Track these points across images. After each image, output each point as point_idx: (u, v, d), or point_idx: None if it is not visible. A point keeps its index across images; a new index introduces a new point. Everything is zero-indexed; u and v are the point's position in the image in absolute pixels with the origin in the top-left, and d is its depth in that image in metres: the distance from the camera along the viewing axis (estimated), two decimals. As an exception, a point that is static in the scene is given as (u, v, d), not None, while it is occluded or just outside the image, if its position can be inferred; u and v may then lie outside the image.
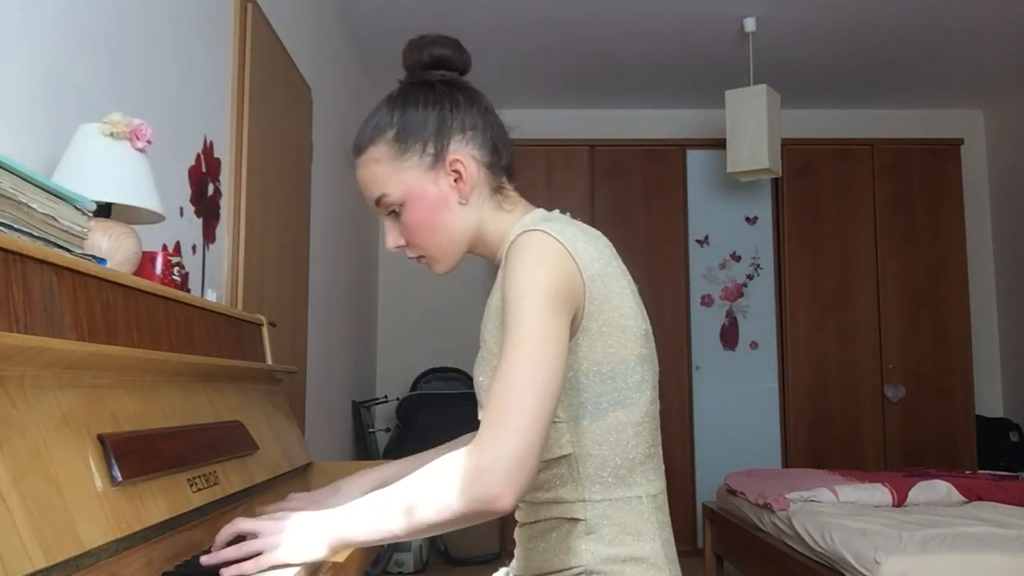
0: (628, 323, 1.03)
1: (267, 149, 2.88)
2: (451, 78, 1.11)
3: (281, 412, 1.73)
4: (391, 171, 1.07)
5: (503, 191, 1.13)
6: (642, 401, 1.05)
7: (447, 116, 1.08)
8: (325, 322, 3.85)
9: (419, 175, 1.07)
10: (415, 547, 4.18)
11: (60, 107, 1.59)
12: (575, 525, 1.03)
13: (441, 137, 1.07)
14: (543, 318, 0.93)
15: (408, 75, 1.12)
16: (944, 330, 4.82)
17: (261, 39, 2.80)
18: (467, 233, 1.10)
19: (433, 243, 1.10)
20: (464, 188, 1.08)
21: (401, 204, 1.08)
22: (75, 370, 0.90)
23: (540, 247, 0.97)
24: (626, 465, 1.03)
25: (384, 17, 4.17)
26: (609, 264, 1.03)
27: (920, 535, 2.41)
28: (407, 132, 1.07)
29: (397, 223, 1.11)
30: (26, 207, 1.00)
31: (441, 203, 1.08)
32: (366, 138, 1.10)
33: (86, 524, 0.81)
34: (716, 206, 4.90)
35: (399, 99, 1.10)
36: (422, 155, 1.07)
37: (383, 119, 1.09)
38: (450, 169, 1.07)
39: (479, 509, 0.87)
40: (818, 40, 4.43)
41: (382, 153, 1.08)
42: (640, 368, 1.05)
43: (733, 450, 4.66)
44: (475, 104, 1.11)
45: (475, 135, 1.09)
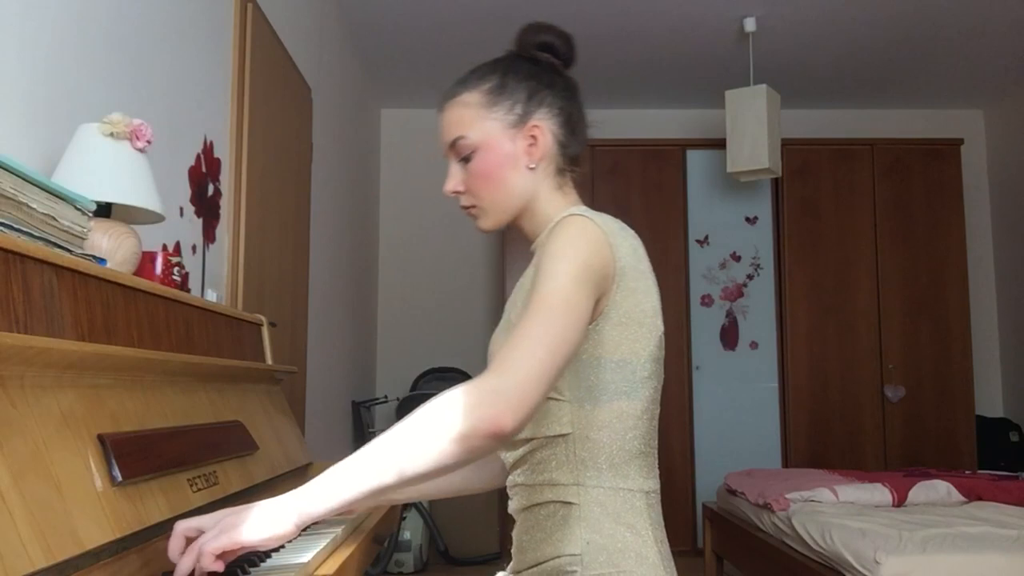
0: (647, 320, 1.08)
1: (267, 149, 2.88)
2: (555, 63, 1.21)
3: (281, 412, 1.73)
4: (476, 117, 1.15)
5: (565, 175, 1.19)
6: (644, 395, 1.08)
7: (541, 89, 1.17)
8: (325, 322, 3.85)
9: (500, 129, 1.14)
10: (415, 547, 4.18)
11: (60, 107, 1.59)
12: (569, 510, 1.05)
13: (531, 103, 1.15)
14: (572, 285, 0.97)
15: (519, 49, 1.23)
16: (944, 330, 4.82)
17: (261, 39, 2.80)
18: (523, 197, 1.16)
19: (490, 195, 1.16)
20: (535, 153, 1.15)
21: (474, 150, 1.14)
22: (75, 370, 0.90)
23: (583, 228, 1.04)
24: (621, 455, 1.06)
25: (384, 17, 4.16)
26: (640, 262, 1.10)
27: (920, 535, 2.41)
28: (502, 88, 1.16)
29: (462, 171, 1.17)
30: (26, 207, 1.00)
31: (511, 160, 1.14)
32: (463, 84, 1.19)
33: (86, 524, 0.81)
34: (716, 206, 4.90)
35: (504, 62, 1.20)
36: (508, 112, 1.15)
37: (486, 72, 1.19)
38: (528, 134, 1.15)
39: (481, 428, 0.87)
40: (818, 40, 4.43)
41: (474, 99, 1.16)
42: (649, 365, 1.09)
43: (733, 450, 4.66)
44: (568, 92, 1.20)
45: (560, 116, 1.17)
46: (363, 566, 1.25)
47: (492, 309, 5.37)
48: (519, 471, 1.11)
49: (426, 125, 5.48)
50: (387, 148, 5.49)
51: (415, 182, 5.44)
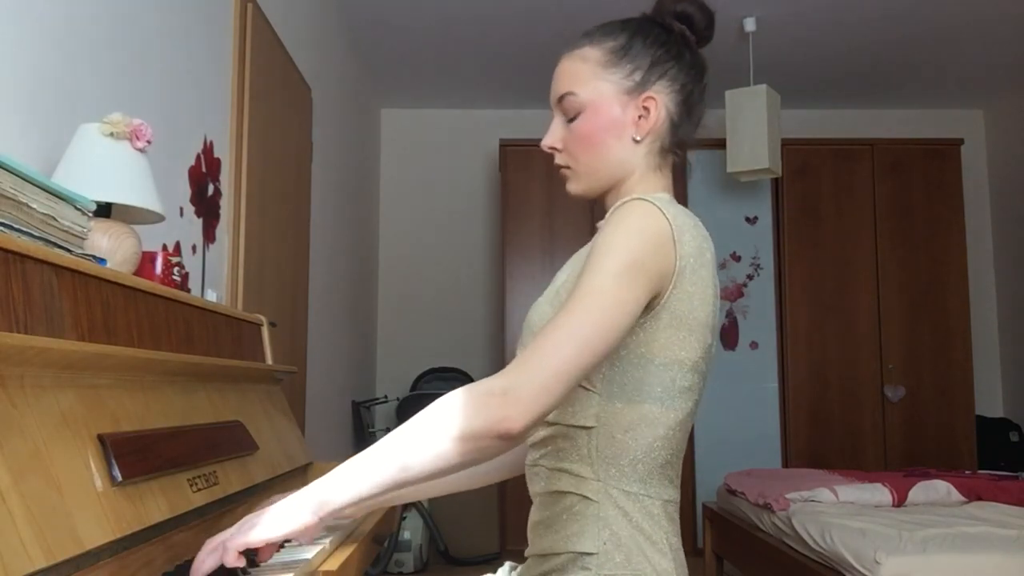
0: (699, 329, 1.02)
1: (267, 149, 2.88)
2: (688, 37, 1.13)
3: (281, 412, 1.73)
4: (592, 75, 1.09)
5: (668, 157, 1.13)
6: (683, 408, 1.04)
7: (667, 60, 1.10)
8: (325, 322, 3.85)
9: (613, 92, 1.08)
10: (415, 547, 4.18)
11: (60, 107, 1.59)
12: (587, 506, 1.01)
13: (651, 72, 1.09)
14: (619, 283, 0.92)
15: (654, 13, 1.14)
16: (944, 330, 4.82)
17: (261, 39, 2.80)
18: (620, 168, 1.10)
19: (587, 159, 1.10)
20: (644, 126, 1.09)
21: (581, 110, 1.09)
22: (75, 370, 0.90)
23: (647, 217, 0.97)
24: (646, 462, 1.02)
25: (384, 17, 4.16)
26: (704, 267, 1.02)
27: (920, 535, 2.41)
28: (626, 51, 1.09)
29: (564, 128, 1.11)
30: (26, 207, 1.00)
31: (617, 127, 1.08)
32: (588, 38, 1.12)
33: (86, 524, 0.81)
34: (716, 206, 4.90)
35: (634, 23, 1.12)
36: (627, 77, 1.08)
37: (614, 30, 1.11)
38: (641, 104, 1.08)
39: (489, 429, 0.86)
40: (818, 40, 4.43)
41: (594, 56, 1.09)
42: (692, 376, 1.04)
43: (733, 450, 4.66)
44: (695, 69, 1.13)
45: (680, 92, 1.11)
46: (363, 566, 1.25)
47: (492, 309, 5.37)
48: (540, 453, 1.08)
49: (426, 125, 5.48)
50: (387, 148, 5.49)
51: (415, 182, 5.44)
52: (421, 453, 0.88)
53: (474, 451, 0.88)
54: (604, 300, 0.91)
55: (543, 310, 1.07)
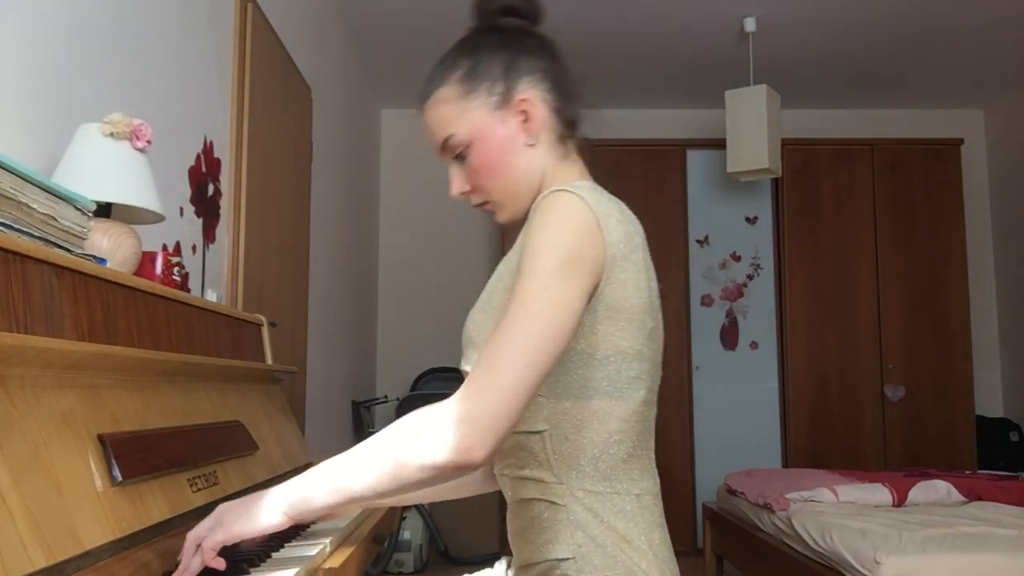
0: (636, 315, 1.00)
1: (267, 149, 2.88)
2: (521, 25, 1.11)
3: (281, 412, 1.73)
4: (458, 111, 1.06)
5: (566, 142, 1.10)
6: (634, 398, 1.02)
7: (516, 57, 1.07)
8: (325, 322, 3.85)
9: (487, 114, 1.05)
10: (415, 547, 4.18)
11: (60, 107, 1.59)
12: (556, 511, 1.00)
13: (509, 77, 1.06)
14: (556, 280, 0.90)
15: (478, 21, 1.13)
16: (944, 330, 4.82)
17: (261, 39, 2.80)
18: (530, 177, 1.07)
19: (499, 186, 1.07)
20: (532, 128, 1.06)
21: (468, 145, 1.06)
22: (75, 370, 0.90)
23: (569, 208, 0.94)
24: (605, 459, 1.00)
25: (384, 17, 4.17)
26: (635, 251, 1.00)
27: (920, 535, 2.41)
28: (475, 72, 1.06)
29: (462, 168, 1.09)
30: (26, 207, 1.00)
31: (508, 144, 1.06)
32: (435, 80, 1.09)
33: (86, 524, 0.81)
34: (716, 206, 4.90)
35: (468, 42, 1.11)
36: (490, 94, 1.06)
37: (452, 61, 1.09)
38: (518, 110, 1.06)
39: (451, 460, 0.84)
40: (818, 40, 4.43)
41: (450, 93, 1.07)
42: (637, 365, 1.02)
43: (733, 450, 4.66)
44: (546, 50, 1.11)
45: (544, 78, 1.08)
46: (363, 566, 1.25)
47: (492, 309, 5.37)
48: (503, 464, 1.06)
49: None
50: (387, 148, 5.49)
51: (415, 182, 5.44)
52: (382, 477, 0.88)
53: (433, 479, 0.87)
54: (546, 302, 0.89)
55: (479, 320, 1.05)
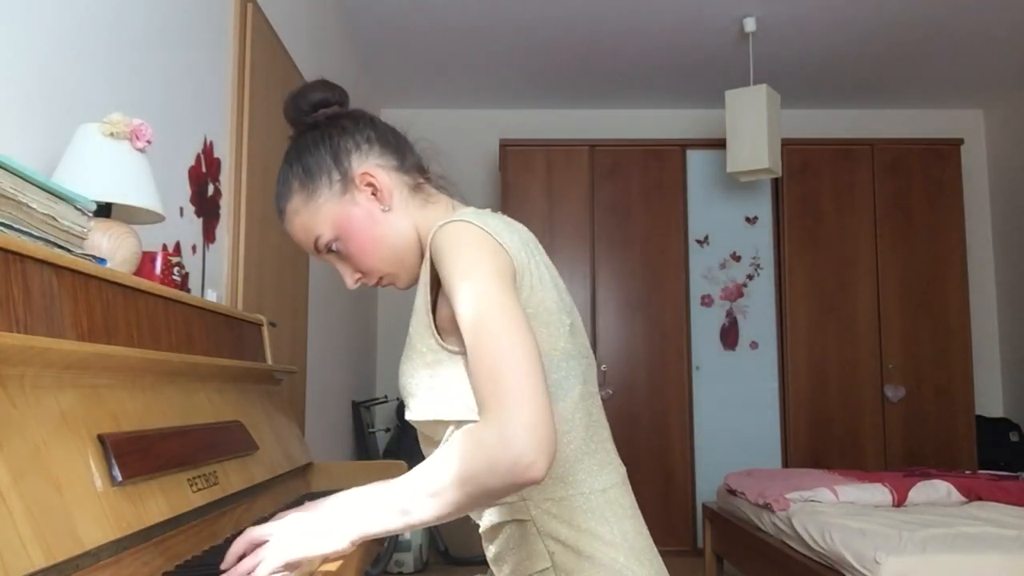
0: (551, 318, 1.01)
1: (267, 149, 2.88)
2: (332, 112, 1.13)
3: (281, 412, 1.73)
4: (312, 213, 1.09)
5: (422, 188, 1.13)
6: (569, 397, 1.02)
7: (338, 142, 1.10)
8: (325, 322, 3.85)
9: (337, 204, 1.08)
10: (415, 547, 4.18)
11: (60, 107, 1.59)
12: (525, 527, 1.01)
13: (340, 162, 1.09)
14: (496, 293, 0.91)
15: (294, 128, 1.15)
16: (944, 330, 4.82)
17: (261, 39, 2.80)
18: (407, 239, 1.10)
19: (381, 260, 1.10)
20: (383, 196, 1.09)
21: (336, 239, 1.09)
22: (75, 370, 0.90)
23: (467, 234, 0.96)
24: (558, 463, 1.01)
25: (384, 17, 4.17)
26: (532, 256, 1.02)
27: (920, 535, 2.41)
28: (309, 174, 1.09)
29: (344, 260, 1.12)
30: (26, 207, 1.00)
31: (369, 220, 1.08)
32: (280, 199, 1.12)
33: (86, 524, 0.81)
34: (716, 206, 4.90)
35: (293, 152, 1.12)
36: (331, 186, 1.08)
37: (285, 175, 1.11)
38: (363, 184, 1.09)
39: (513, 481, 0.84)
40: (818, 40, 4.43)
41: (297, 203, 1.09)
42: (565, 364, 1.02)
43: (733, 450, 4.66)
44: (360, 120, 1.13)
45: (371, 147, 1.11)
46: (363, 566, 1.25)
47: (492, 309, 5.37)
48: None
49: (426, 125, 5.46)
50: (387, 148, 5.48)
51: (415, 182, 5.44)
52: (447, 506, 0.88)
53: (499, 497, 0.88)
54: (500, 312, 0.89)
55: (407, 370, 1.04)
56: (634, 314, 4.76)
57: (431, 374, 1.00)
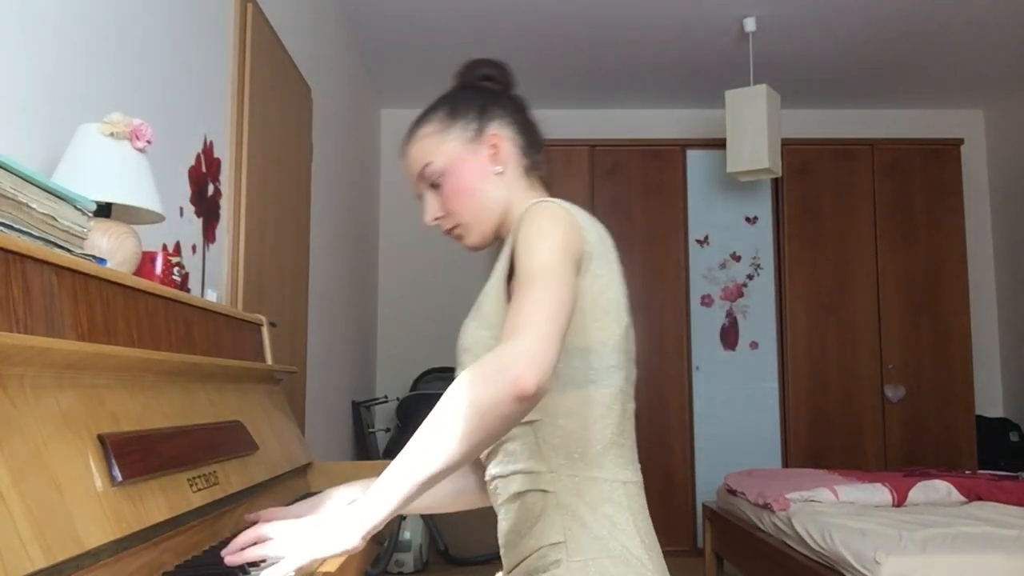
0: (612, 308, 1.09)
1: (267, 149, 2.88)
2: (496, 88, 1.26)
3: (281, 412, 1.73)
4: (437, 143, 1.19)
5: (533, 176, 1.23)
6: (613, 383, 1.08)
7: (490, 105, 1.22)
8: (325, 322, 3.85)
9: (461, 146, 1.19)
10: (415, 547, 4.18)
11: (60, 107, 1.59)
12: (547, 499, 1.05)
13: (483, 117, 1.20)
14: (557, 257, 1.00)
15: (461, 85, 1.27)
16: (944, 330, 4.82)
17: (261, 39, 2.80)
18: (500, 204, 1.19)
19: (468, 210, 1.19)
20: (500, 159, 1.19)
21: (442, 173, 1.19)
22: (75, 370, 0.90)
23: (554, 212, 1.07)
24: (593, 444, 1.06)
25: (384, 17, 4.16)
26: (608, 251, 1.11)
27: (920, 535, 2.41)
28: (454, 112, 1.21)
29: (436, 197, 1.21)
30: (26, 207, 1.00)
31: (479, 171, 1.19)
32: (417, 121, 1.23)
33: (86, 524, 0.81)
34: (716, 206, 4.90)
35: (448, 95, 1.25)
36: (464, 130, 1.19)
37: (436, 105, 1.24)
38: (489, 144, 1.19)
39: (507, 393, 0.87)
40: (818, 40, 4.43)
41: (430, 129, 1.21)
42: (616, 355, 1.09)
43: (733, 450, 4.66)
44: (516, 105, 1.25)
45: (511, 123, 1.22)
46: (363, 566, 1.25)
47: (492, 309, 5.37)
48: (493, 462, 1.12)
49: (426, 125, 5.47)
50: (387, 148, 5.49)
51: (415, 182, 5.44)
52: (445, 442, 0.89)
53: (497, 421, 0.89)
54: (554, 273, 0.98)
55: (471, 328, 1.14)
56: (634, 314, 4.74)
57: (492, 336, 1.09)
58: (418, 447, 0.91)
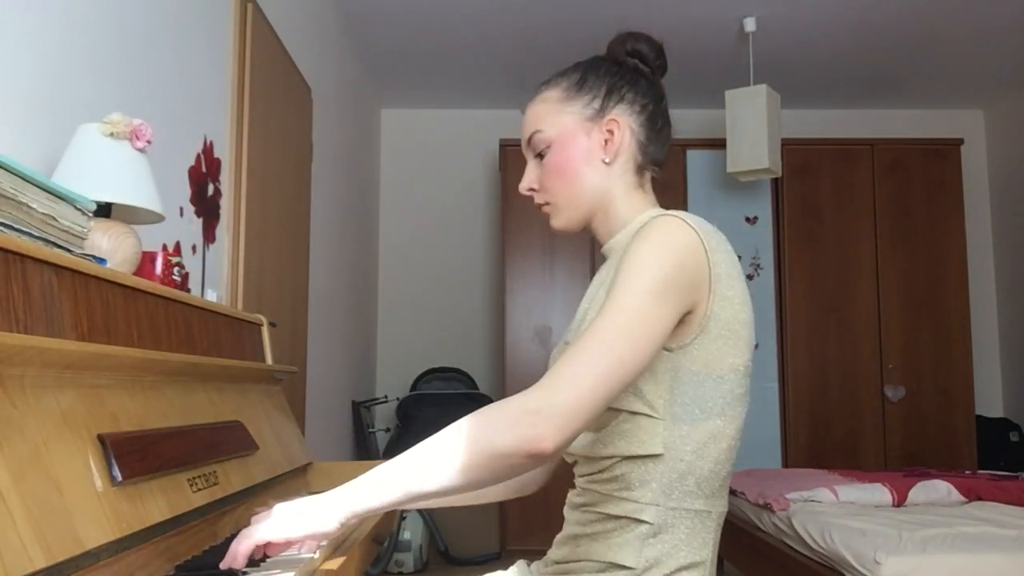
0: (743, 331, 1.04)
1: (267, 149, 2.88)
2: (641, 68, 1.17)
3: (281, 412, 1.73)
4: (554, 112, 1.12)
5: (645, 175, 1.16)
6: (741, 414, 1.04)
7: (622, 86, 1.13)
8: (325, 322, 3.85)
9: (576, 123, 1.11)
10: (415, 547, 4.18)
11: (60, 107, 1.59)
12: (639, 527, 0.99)
13: (609, 98, 1.12)
14: (649, 300, 0.92)
15: (606, 53, 1.19)
16: (944, 330, 4.82)
17: (261, 39, 2.80)
18: (597, 194, 1.12)
19: (564, 190, 1.12)
20: (611, 148, 1.11)
21: (549, 144, 1.12)
22: (75, 370, 0.90)
23: (674, 232, 0.97)
24: (712, 479, 1.01)
25: (384, 17, 4.16)
26: (735, 268, 1.04)
27: (920, 535, 2.41)
28: (581, 85, 1.13)
29: (538, 168, 1.14)
30: (26, 207, 1.00)
31: (586, 154, 1.11)
32: (547, 82, 1.17)
33: (86, 524, 0.81)
34: (716, 206, 4.89)
35: (587, 62, 1.17)
36: (586, 106, 1.12)
37: (568, 71, 1.16)
38: (605, 128, 1.11)
39: (520, 448, 0.84)
40: (818, 40, 4.42)
41: (554, 95, 1.14)
42: (745, 381, 1.05)
43: (733, 450, 4.65)
44: (653, 92, 1.16)
45: (641, 113, 1.13)
46: (363, 566, 1.25)
47: (492, 309, 5.37)
48: (593, 479, 1.05)
49: (426, 125, 5.48)
50: (387, 148, 5.49)
51: (415, 182, 5.44)
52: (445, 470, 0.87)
53: (504, 468, 0.87)
54: (635, 317, 0.90)
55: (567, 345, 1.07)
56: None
57: None
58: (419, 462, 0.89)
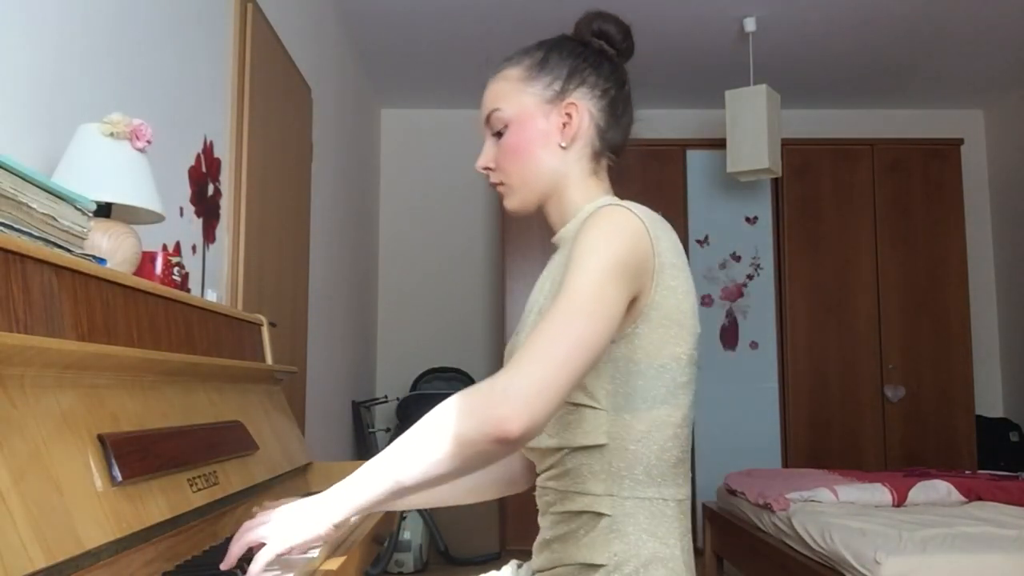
0: (687, 321, 1.03)
1: (267, 149, 2.88)
2: (607, 51, 1.15)
3: (281, 412, 1.73)
4: (513, 91, 1.12)
5: (601, 161, 1.15)
6: (684, 402, 1.03)
7: (584, 69, 1.12)
8: (325, 322, 3.85)
9: (535, 104, 1.11)
10: (415, 547, 4.18)
11: (60, 107, 1.59)
12: (600, 520, 1.00)
13: (570, 81, 1.11)
14: (604, 280, 0.92)
15: (572, 33, 1.18)
16: (944, 330, 4.82)
17: (261, 39, 2.80)
18: (552, 177, 1.12)
19: (518, 172, 1.12)
20: (568, 132, 1.10)
21: (507, 124, 1.11)
22: (75, 370, 0.90)
23: (621, 220, 0.98)
24: (659, 466, 1.01)
25: (384, 17, 4.16)
26: (679, 257, 1.04)
27: (920, 535, 2.41)
28: (544, 64, 1.12)
29: (495, 146, 1.14)
30: (26, 207, 1.00)
31: (542, 136, 1.11)
32: (509, 59, 1.15)
33: (86, 524, 0.81)
34: (716, 206, 4.90)
35: (552, 41, 1.16)
36: (546, 88, 1.11)
37: (531, 49, 1.15)
38: (564, 111, 1.10)
39: (486, 432, 0.83)
40: (818, 40, 4.42)
41: (514, 73, 1.13)
42: (689, 369, 1.04)
43: (733, 450, 4.66)
44: (616, 76, 1.14)
45: (601, 97, 1.12)
46: (363, 566, 1.25)
47: (492, 309, 5.37)
48: (548, 475, 1.06)
49: (426, 125, 5.48)
50: (387, 148, 5.49)
51: (415, 182, 5.44)
52: (419, 461, 0.88)
53: (472, 456, 0.87)
54: (592, 296, 0.91)
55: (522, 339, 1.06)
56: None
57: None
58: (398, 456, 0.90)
